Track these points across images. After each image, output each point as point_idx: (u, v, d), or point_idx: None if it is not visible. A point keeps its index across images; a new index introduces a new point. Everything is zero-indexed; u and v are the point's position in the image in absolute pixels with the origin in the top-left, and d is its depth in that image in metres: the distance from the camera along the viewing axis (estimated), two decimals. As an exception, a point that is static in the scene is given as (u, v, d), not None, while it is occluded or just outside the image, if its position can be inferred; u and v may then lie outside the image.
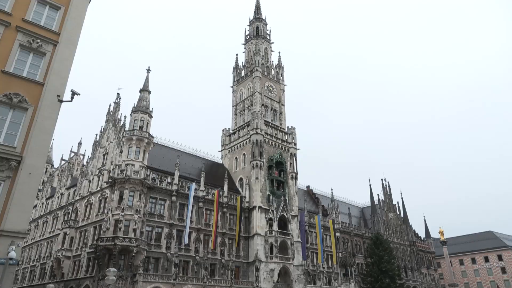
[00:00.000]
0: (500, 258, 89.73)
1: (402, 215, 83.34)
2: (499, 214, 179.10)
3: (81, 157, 68.11)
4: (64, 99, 16.68)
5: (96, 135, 54.32)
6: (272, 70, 68.41)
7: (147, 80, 48.58)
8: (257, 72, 63.60)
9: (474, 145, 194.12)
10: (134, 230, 39.98)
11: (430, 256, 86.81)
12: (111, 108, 53.51)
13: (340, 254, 63.46)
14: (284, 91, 67.85)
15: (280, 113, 65.12)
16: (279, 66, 69.47)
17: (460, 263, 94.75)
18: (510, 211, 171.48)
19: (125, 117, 48.54)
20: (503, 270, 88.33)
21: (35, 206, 60.18)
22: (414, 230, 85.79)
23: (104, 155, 50.39)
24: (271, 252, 50.90)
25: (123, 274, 37.91)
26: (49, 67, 16.69)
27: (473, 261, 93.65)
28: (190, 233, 46.01)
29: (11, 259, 13.07)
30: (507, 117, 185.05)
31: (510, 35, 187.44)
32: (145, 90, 47.80)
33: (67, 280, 45.73)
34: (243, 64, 69.78)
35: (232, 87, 68.91)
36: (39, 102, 15.76)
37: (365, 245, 69.32)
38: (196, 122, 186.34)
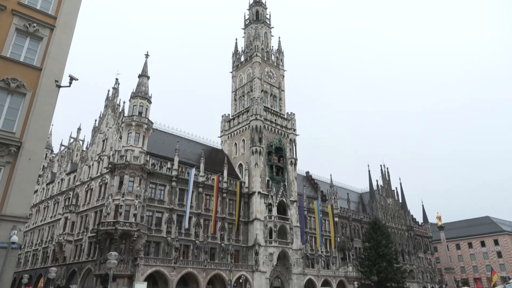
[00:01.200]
0: (496, 242, 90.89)
1: (400, 201, 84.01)
2: (497, 200, 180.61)
3: (81, 142, 68.13)
4: (62, 84, 16.61)
5: (95, 120, 54.28)
6: (272, 56, 67.85)
7: (145, 65, 48.25)
8: (257, 57, 63.10)
9: (473, 133, 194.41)
10: (135, 215, 40.38)
11: (427, 240, 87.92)
12: (110, 94, 53.31)
13: (338, 238, 64.26)
14: (284, 76, 67.45)
15: (280, 99, 64.90)
16: (279, 51, 68.86)
17: (456, 248, 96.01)
18: (508, 197, 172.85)
19: (124, 102, 48.45)
20: (499, 255, 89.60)
21: (36, 191, 60.59)
22: (412, 216, 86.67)
23: (103, 140, 50.45)
24: (270, 237, 51.53)
25: (124, 258, 38.47)
26: (46, 51, 16.56)
27: (470, 245, 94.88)
28: (190, 218, 46.49)
29: (13, 243, 13.26)
30: (505, 106, 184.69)
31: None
32: (143, 75, 47.53)
33: (69, 264, 46.43)
34: (243, 49, 69.16)
35: (231, 72, 68.46)
36: (37, 87, 15.69)
37: (363, 230, 70.10)
38: (195, 108, 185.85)
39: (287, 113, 64.40)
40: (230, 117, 64.61)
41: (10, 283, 14.50)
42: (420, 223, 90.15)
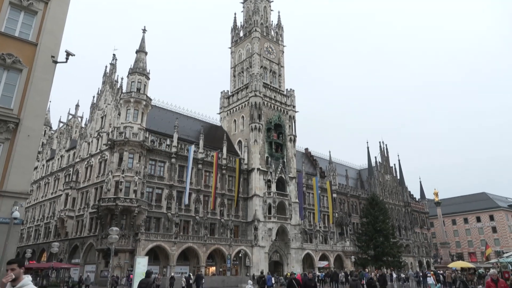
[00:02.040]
0: (491, 218, 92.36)
1: (398, 177, 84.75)
2: (495, 176, 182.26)
3: (79, 119, 67.91)
4: (58, 60, 16.34)
5: (94, 97, 53.88)
6: (272, 31, 66.63)
7: (143, 40, 47.45)
8: (256, 32, 61.97)
9: (471, 110, 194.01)
10: (135, 191, 40.74)
11: (424, 216, 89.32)
12: (108, 70, 52.71)
13: (336, 214, 65.19)
14: (283, 52, 66.49)
15: (279, 75, 64.23)
16: (279, 26, 67.58)
17: (452, 223, 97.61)
18: (504, 173, 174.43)
19: (122, 79, 47.96)
20: (494, 230, 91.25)
21: (36, 168, 60.86)
22: (409, 192, 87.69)
23: (102, 117, 50.25)
24: (269, 212, 52.23)
25: (125, 233, 39.11)
26: (42, 26, 16.19)
27: (465, 221, 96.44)
28: (190, 194, 46.94)
29: (15, 218, 13.40)
30: (505, 83, 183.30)
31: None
32: (141, 51, 46.81)
33: (71, 239, 47.24)
34: (242, 24, 67.82)
35: (230, 48, 67.40)
36: (33, 63, 15.43)
37: (361, 206, 71.00)
38: (194, 84, 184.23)
39: (287, 89, 63.90)
40: (229, 93, 64.11)
41: (14, 257, 14.76)
42: (417, 199, 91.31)
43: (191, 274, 36.99)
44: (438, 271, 34.98)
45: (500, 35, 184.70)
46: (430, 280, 28.00)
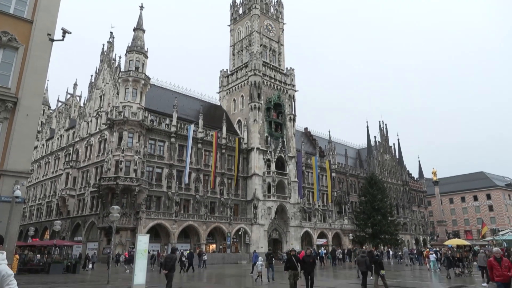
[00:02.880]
0: (488, 197, 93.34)
1: (397, 157, 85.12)
2: (493, 156, 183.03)
3: (78, 98, 67.53)
4: (55, 38, 16.11)
5: (92, 76, 53.41)
6: (271, 8, 65.34)
7: (140, 18, 46.63)
8: (255, 9, 60.80)
9: (471, 90, 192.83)
10: (135, 170, 40.96)
11: (421, 195, 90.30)
12: (105, 48, 52.00)
13: (335, 193, 65.83)
14: (283, 30, 65.46)
15: (279, 54, 63.45)
16: (279, 3, 66.26)
17: (450, 202, 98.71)
18: (503, 152, 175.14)
19: (119, 57, 47.38)
20: (490, 208, 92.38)
21: (36, 147, 60.98)
22: (408, 171, 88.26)
23: (100, 96, 49.96)
24: (269, 191, 52.71)
25: (126, 212, 39.57)
26: (37, 3, 15.87)
27: (463, 199, 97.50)
28: (189, 173, 47.23)
29: (17, 197, 13.55)
30: (505, 63, 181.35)
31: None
32: (139, 29, 46.06)
33: (73, 217, 47.85)
34: (241, 0, 66.43)
35: (229, 26, 66.28)
36: (29, 41, 15.22)
37: (360, 185, 71.62)
38: (193, 63, 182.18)
39: (286, 68, 63.27)
40: (229, 72, 63.50)
41: (17, 235, 15.02)
42: (415, 178, 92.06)
43: (183, 252, 35.57)
44: (435, 249, 35.68)
45: (504, 15, 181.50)
46: (432, 257, 28.69)
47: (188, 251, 34.03)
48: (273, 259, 23.04)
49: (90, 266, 33.64)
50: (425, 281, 21.52)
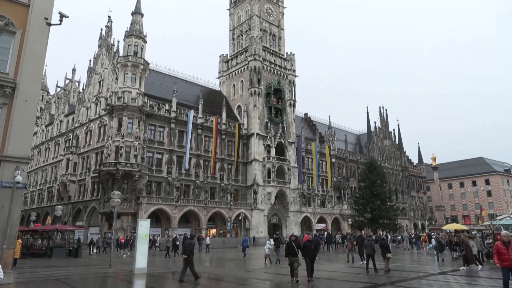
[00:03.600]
0: (487, 182, 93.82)
1: (397, 142, 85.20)
2: (493, 141, 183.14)
3: (77, 84, 67.13)
4: (52, 22, 15.89)
5: (90, 61, 52.95)
6: (271, -9, 64.31)
7: (138, 1, 45.97)
8: (255, -8, 59.83)
9: (471, 76, 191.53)
10: (135, 156, 41.04)
11: (421, 180, 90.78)
12: (103, 33, 51.42)
13: (334, 178, 66.13)
14: (283, 14, 64.60)
15: (279, 38, 62.78)
16: (279, -14, 65.18)
17: (448, 187, 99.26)
18: (502, 138, 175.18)
19: (118, 42, 46.96)
20: (489, 193, 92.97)
21: (36, 133, 60.94)
22: (407, 156, 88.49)
23: (99, 82, 49.67)
24: (269, 177, 52.95)
25: (127, 197, 39.82)
26: (33, -14, 15.62)
27: (461, 185, 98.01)
28: (190, 159, 47.35)
29: (17, 182, 13.59)
30: (502, 47, 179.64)
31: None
32: (137, 12, 45.46)
33: (74, 202, 48.18)
34: (241, -17, 65.29)
35: (229, 10, 65.38)
36: (26, 26, 15.02)
37: (359, 170, 71.92)
38: (192, 48, 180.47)
39: (287, 53, 62.71)
40: (228, 57, 62.95)
41: (19, 220, 15.14)
42: (415, 164, 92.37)
43: (177, 236, 35.85)
44: (432, 233, 36.08)
45: (506, 2, 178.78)
46: (434, 242, 29.31)
47: (183, 235, 34.13)
48: (280, 243, 23.82)
49: (95, 250, 34.10)
50: (423, 264, 21.80)
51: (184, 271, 13.98)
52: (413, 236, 41.69)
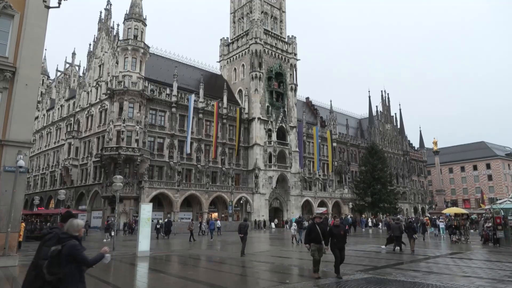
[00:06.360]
0: (488, 166, 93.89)
1: (398, 126, 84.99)
2: (495, 126, 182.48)
3: (77, 68, 66.63)
4: (51, 5, 15.68)
5: (90, 45, 52.46)
6: (273, -28, 63.04)
7: (138, -17, 45.13)
8: (257, -26, 58.65)
9: (472, 59, 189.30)
10: (137, 141, 41.10)
11: (421, 164, 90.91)
12: (103, 16, 50.79)
13: (335, 162, 66.26)
14: (285, -4, 63.47)
15: (281, 21, 61.90)
16: (280, -33, 63.81)
17: (449, 171, 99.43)
18: (505, 122, 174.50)
19: (117, 25, 46.45)
20: (489, 178, 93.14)
21: (37, 118, 60.94)
22: (409, 141, 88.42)
23: (100, 65, 49.33)
24: (270, 161, 53.09)
25: (129, 181, 40.04)
26: (30, -32, 15.34)
27: (462, 169, 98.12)
28: (191, 143, 47.42)
29: (20, 167, 13.67)
30: (505, 30, 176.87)
31: None
32: (136, -5, 44.72)
33: (77, 186, 48.54)
34: (241, -36, 63.98)
35: (229, -9, 64.25)
36: (24, 8, 14.85)
37: (360, 155, 71.98)
38: (193, 31, 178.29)
39: (288, 36, 61.94)
40: (229, 40, 62.24)
41: (23, 204, 15.30)
42: (416, 148, 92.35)
43: (159, 220, 35.89)
44: (441, 217, 36.38)
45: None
46: (442, 224, 30.19)
47: (167, 220, 33.84)
48: (302, 226, 24.59)
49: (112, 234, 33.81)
50: (429, 248, 22.04)
51: (243, 247, 16.97)
52: (413, 219, 41.92)
